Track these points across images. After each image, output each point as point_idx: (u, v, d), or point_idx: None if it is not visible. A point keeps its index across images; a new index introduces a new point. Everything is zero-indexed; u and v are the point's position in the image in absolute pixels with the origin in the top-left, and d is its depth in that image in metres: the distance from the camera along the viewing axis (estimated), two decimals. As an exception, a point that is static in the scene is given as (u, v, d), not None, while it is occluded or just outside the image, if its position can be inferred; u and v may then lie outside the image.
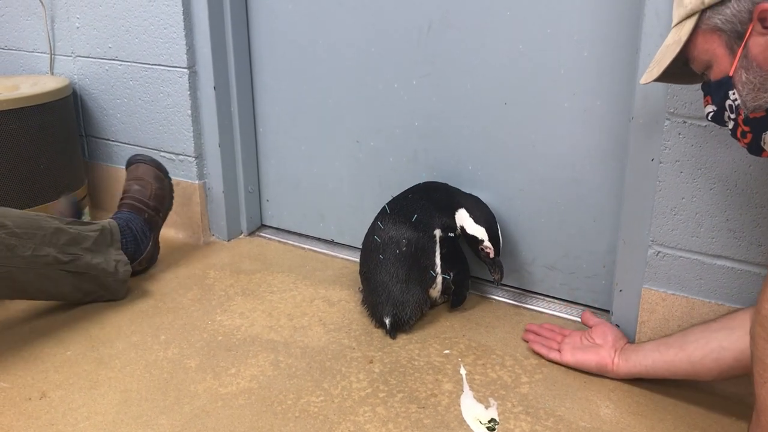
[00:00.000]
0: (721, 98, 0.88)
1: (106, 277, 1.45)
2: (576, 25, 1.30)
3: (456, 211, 1.42)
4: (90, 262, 1.41)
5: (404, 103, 1.54)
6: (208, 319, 1.42)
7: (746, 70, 0.83)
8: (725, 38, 0.84)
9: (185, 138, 1.77)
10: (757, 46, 0.81)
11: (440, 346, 1.32)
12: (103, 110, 1.90)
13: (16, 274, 1.29)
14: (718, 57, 0.86)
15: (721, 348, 1.04)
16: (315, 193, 1.77)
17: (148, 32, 1.73)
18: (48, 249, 1.34)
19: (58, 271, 1.36)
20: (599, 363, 1.21)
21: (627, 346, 1.22)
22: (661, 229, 1.22)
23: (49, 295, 1.42)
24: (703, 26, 0.86)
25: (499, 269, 1.41)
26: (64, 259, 1.36)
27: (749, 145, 0.89)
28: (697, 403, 1.14)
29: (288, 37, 1.66)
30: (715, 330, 1.07)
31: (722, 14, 0.83)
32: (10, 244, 1.27)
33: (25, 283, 1.32)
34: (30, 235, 1.31)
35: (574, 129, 1.36)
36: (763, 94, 0.82)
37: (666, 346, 1.13)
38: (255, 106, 1.79)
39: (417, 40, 1.48)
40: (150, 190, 1.62)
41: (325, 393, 1.17)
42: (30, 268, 1.31)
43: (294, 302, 1.50)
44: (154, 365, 1.26)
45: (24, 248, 1.30)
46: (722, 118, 0.90)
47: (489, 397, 1.16)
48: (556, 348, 1.28)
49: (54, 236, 1.36)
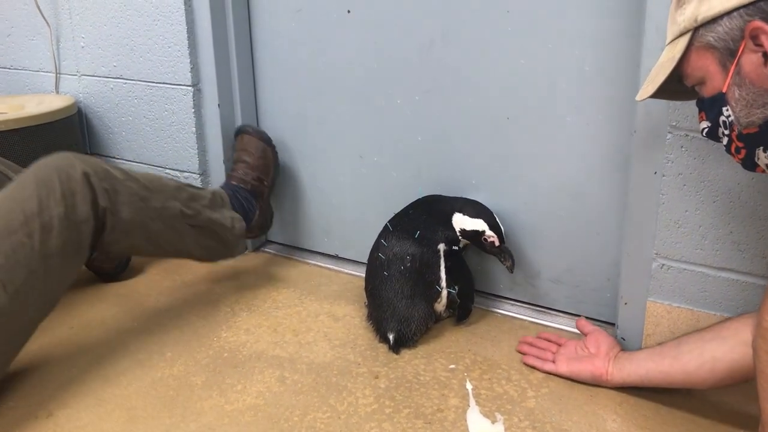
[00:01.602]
0: (715, 114, 0.89)
1: (224, 232, 1.50)
2: (577, 40, 1.31)
3: (452, 219, 1.42)
4: (210, 216, 1.47)
5: (407, 119, 1.55)
6: (214, 336, 1.42)
7: (739, 86, 0.84)
8: (718, 55, 0.85)
9: (190, 155, 1.78)
10: (750, 63, 0.82)
11: (446, 361, 1.32)
12: (108, 128, 1.92)
13: (149, 225, 1.35)
14: (712, 74, 0.87)
15: (715, 359, 1.05)
16: (319, 209, 1.77)
17: (153, 51, 1.74)
18: (174, 202, 1.40)
19: (183, 224, 1.42)
20: (593, 373, 1.22)
21: (620, 355, 1.22)
22: (665, 242, 1.22)
23: (176, 249, 1.45)
24: (697, 44, 0.87)
25: (509, 255, 1.40)
26: (188, 212, 1.42)
27: (743, 161, 0.90)
28: (705, 416, 1.14)
29: (291, 54, 1.68)
30: (708, 340, 1.07)
31: (715, 32, 0.84)
32: (143, 196, 1.34)
33: (156, 234, 1.37)
34: (158, 189, 1.38)
35: (577, 143, 1.36)
36: (755, 110, 0.83)
37: (660, 356, 1.13)
38: (258, 123, 1.80)
39: (419, 56, 1.49)
40: (253, 160, 1.65)
41: (331, 409, 1.17)
42: (160, 218, 1.37)
43: (299, 318, 1.50)
44: (160, 382, 1.26)
45: (155, 200, 1.36)
46: (716, 134, 0.92)
47: (495, 412, 1.16)
48: (551, 359, 1.29)
49: (177, 192, 1.42)
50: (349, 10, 1.55)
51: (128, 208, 1.30)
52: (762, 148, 0.86)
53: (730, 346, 1.03)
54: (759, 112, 0.83)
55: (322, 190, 1.75)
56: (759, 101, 0.82)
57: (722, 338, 1.05)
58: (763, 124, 0.84)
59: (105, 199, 1.26)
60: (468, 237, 1.42)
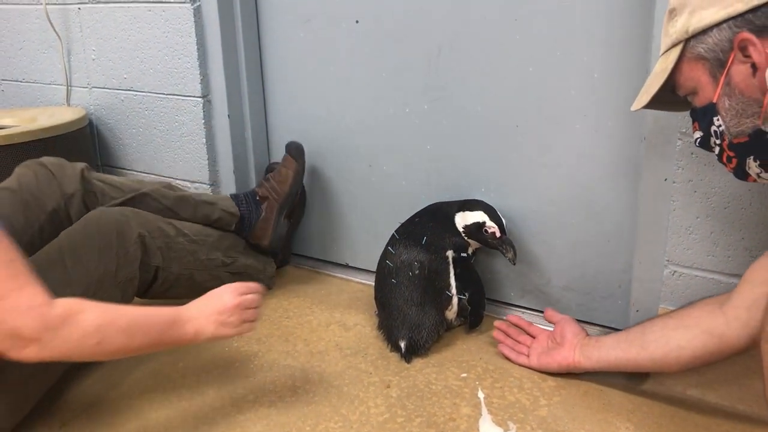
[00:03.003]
0: (707, 124, 0.91)
1: (257, 274, 1.61)
2: (585, 47, 1.31)
3: (455, 221, 1.43)
4: (245, 262, 1.60)
5: (416, 127, 1.56)
6: (225, 346, 1.42)
7: (729, 97, 0.86)
8: (708, 66, 0.88)
9: (200, 166, 1.79)
10: (739, 73, 0.84)
11: (457, 370, 1.32)
12: (119, 140, 1.93)
13: (196, 276, 1.47)
14: (703, 84, 0.89)
15: (680, 347, 1.09)
16: (329, 218, 1.78)
17: (163, 63, 1.76)
18: (216, 253, 1.52)
19: (224, 272, 1.53)
20: (560, 364, 1.25)
21: (587, 342, 1.24)
22: (677, 249, 1.22)
23: None
24: (688, 54, 0.89)
25: (511, 247, 1.40)
26: (228, 261, 1.55)
27: (735, 170, 0.92)
28: (719, 424, 1.13)
29: (300, 64, 1.69)
30: (673, 328, 1.11)
31: (705, 43, 0.86)
32: (192, 250, 1.46)
33: (201, 284, 1.45)
34: (203, 242, 1.50)
35: (586, 150, 1.36)
36: (745, 119, 0.85)
37: (627, 343, 1.17)
38: (268, 133, 1.81)
39: (427, 65, 1.49)
40: (279, 177, 1.67)
41: (343, 419, 1.17)
42: (206, 269, 1.49)
43: (310, 327, 1.50)
44: (173, 393, 1.26)
45: (201, 253, 1.48)
46: (709, 144, 0.94)
47: (508, 420, 1.16)
48: (526, 353, 1.32)
49: (219, 242, 1.54)
50: (358, 20, 1.56)
51: (178, 263, 1.42)
52: (752, 157, 0.88)
53: (694, 334, 1.07)
54: (748, 122, 0.85)
55: (331, 199, 1.75)
56: (748, 111, 0.84)
57: (686, 327, 1.09)
58: (752, 133, 0.85)
59: (158, 258, 1.37)
60: (471, 233, 1.42)
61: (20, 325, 0.91)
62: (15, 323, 0.91)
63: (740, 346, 1.03)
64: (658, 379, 1.24)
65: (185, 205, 1.52)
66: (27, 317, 0.92)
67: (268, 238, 1.63)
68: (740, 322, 1.02)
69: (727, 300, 1.05)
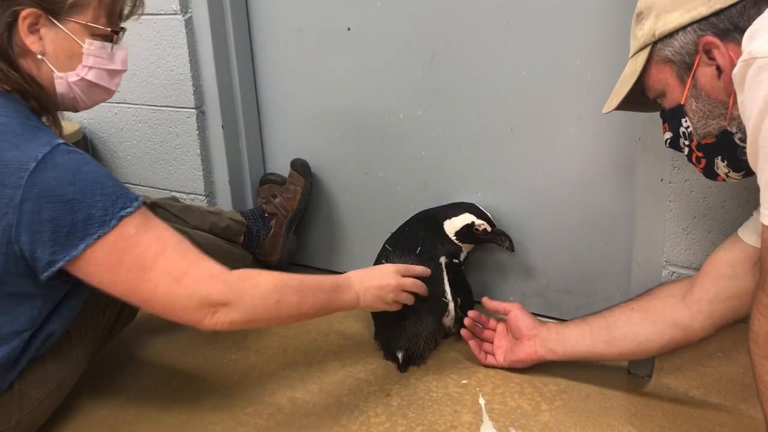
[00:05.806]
0: (676, 125, 0.93)
1: None
2: (578, 50, 1.30)
3: (444, 229, 1.42)
4: None
5: (411, 133, 1.55)
6: (224, 358, 1.41)
7: (696, 98, 0.88)
8: (676, 69, 0.89)
9: (195, 177, 1.79)
10: (704, 76, 0.86)
11: (458, 377, 1.31)
12: (114, 153, 1.93)
13: None
14: (671, 86, 0.91)
15: (648, 341, 1.14)
16: (325, 226, 1.77)
17: (155, 75, 1.75)
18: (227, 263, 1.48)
19: None
20: (524, 360, 1.28)
21: (546, 335, 1.26)
22: (675, 249, 1.21)
23: None
24: (656, 57, 0.91)
25: (505, 237, 1.40)
26: None
27: (704, 170, 0.94)
28: (722, 425, 1.13)
29: (293, 73, 1.68)
30: (638, 323, 1.15)
31: (671, 46, 0.88)
32: None
33: None
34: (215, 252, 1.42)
35: (582, 152, 1.36)
36: (711, 121, 0.87)
37: (592, 338, 1.20)
38: (263, 142, 1.81)
39: (421, 71, 1.49)
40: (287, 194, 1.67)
41: (343, 429, 1.16)
42: None
43: (309, 337, 1.49)
44: (171, 407, 1.25)
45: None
46: (678, 145, 0.95)
47: (510, 426, 1.15)
48: (491, 351, 1.33)
49: (228, 252, 1.51)
50: (349, 28, 1.56)
51: None
52: (720, 158, 0.89)
53: (660, 329, 1.12)
54: (715, 123, 0.86)
55: (327, 207, 1.75)
56: (715, 112, 0.86)
57: (652, 322, 1.13)
58: (719, 134, 0.87)
59: None
60: (463, 236, 1.41)
61: (209, 292, 1.00)
62: (203, 292, 1.00)
63: (704, 335, 1.09)
64: (660, 381, 1.24)
65: (193, 214, 1.50)
66: (213, 284, 1.01)
67: (277, 254, 1.63)
68: (704, 315, 1.07)
69: (689, 293, 1.09)
